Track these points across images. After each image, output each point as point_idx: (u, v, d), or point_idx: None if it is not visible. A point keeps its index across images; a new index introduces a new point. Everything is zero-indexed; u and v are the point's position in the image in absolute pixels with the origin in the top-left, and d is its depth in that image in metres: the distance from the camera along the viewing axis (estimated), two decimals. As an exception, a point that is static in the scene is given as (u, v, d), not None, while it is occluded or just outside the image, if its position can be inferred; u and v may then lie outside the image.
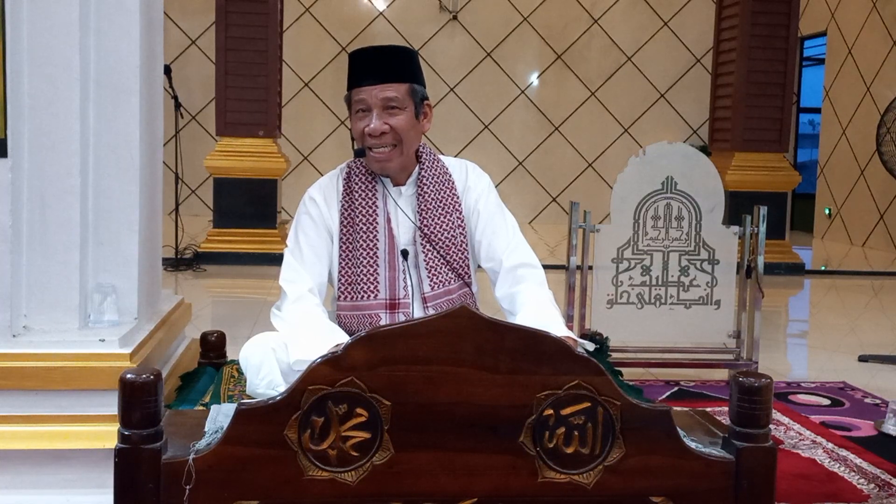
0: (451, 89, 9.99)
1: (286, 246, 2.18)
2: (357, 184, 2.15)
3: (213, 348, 2.67)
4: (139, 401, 1.31)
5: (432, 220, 2.14)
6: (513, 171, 10.17)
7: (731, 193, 6.40)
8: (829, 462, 2.64)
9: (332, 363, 1.32)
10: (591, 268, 3.52)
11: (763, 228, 3.44)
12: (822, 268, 7.68)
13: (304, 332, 1.98)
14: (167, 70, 5.46)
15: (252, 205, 6.80)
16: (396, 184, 2.16)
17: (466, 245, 2.18)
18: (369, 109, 2.04)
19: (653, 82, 10.26)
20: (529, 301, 2.08)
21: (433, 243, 2.13)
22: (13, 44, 2.08)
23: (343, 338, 1.95)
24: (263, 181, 6.83)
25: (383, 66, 2.05)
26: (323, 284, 2.15)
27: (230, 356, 2.71)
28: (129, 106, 2.26)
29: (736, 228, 3.52)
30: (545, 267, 2.24)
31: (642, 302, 3.51)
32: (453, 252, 2.14)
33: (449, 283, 2.14)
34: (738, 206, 5.87)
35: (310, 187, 2.22)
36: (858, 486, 2.44)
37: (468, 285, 2.18)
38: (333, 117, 9.95)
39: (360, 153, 2.10)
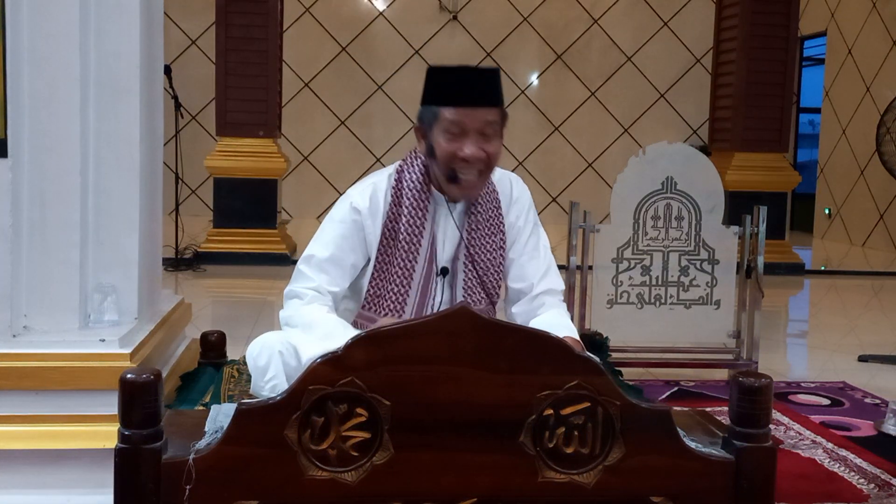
0: (451, 89, 9.97)
1: (311, 245, 2.04)
2: (408, 199, 2.03)
3: (213, 348, 2.66)
4: (139, 401, 1.31)
5: (479, 241, 2.06)
6: (513, 172, 10.15)
7: (731, 193, 6.38)
8: (829, 462, 2.64)
9: (332, 363, 1.32)
10: (591, 268, 3.52)
11: (763, 228, 3.44)
12: (822, 268, 7.68)
13: (317, 331, 1.90)
14: (167, 70, 5.46)
15: (252, 205, 6.80)
16: (452, 200, 2.06)
17: (503, 266, 2.11)
18: (464, 133, 1.91)
19: (653, 82, 10.26)
20: (544, 314, 2.05)
21: (475, 263, 2.06)
22: (13, 44, 2.08)
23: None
24: (263, 181, 6.83)
25: (483, 88, 1.92)
26: (339, 295, 2.05)
27: (230, 356, 2.71)
28: (129, 106, 2.26)
29: (736, 228, 3.52)
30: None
31: (642, 302, 3.51)
32: (491, 273, 2.08)
33: (480, 302, 2.08)
34: (738, 206, 5.85)
35: (354, 189, 2.07)
36: (858, 486, 2.44)
37: (495, 304, 2.13)
38: (333, 117, 9.95)
39: (452, 178, 1.95)
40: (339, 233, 2.03)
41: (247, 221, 6.78)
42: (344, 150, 9.75)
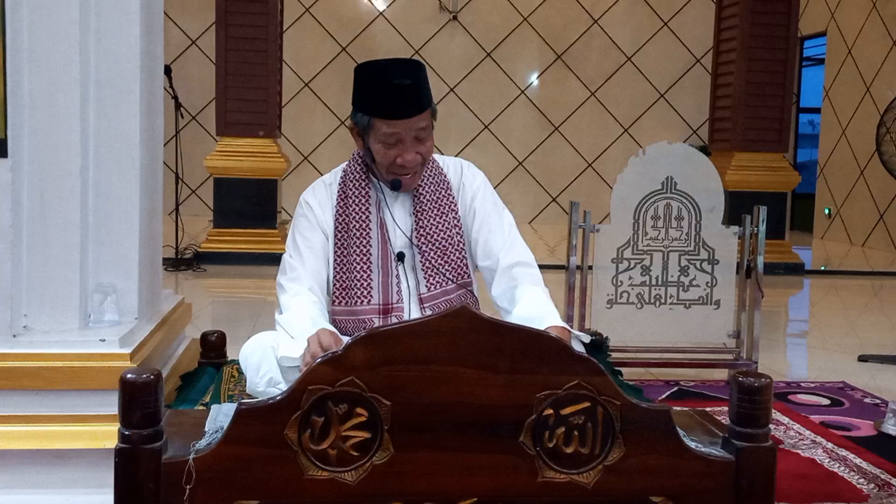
0: (451, 89, 9.99)
1: (289, 237, 2.18)
2: (352, 189, 2.14)
3: (213, 348, 2.67)
4: (139, 401, 1.31)
5: (428, 222, 2.13)
6: (513, 171, 10.17)
7: (730, 193, 6.39)
8: (829, 462, 2.64)
9: (332, 363, 1.32)
10: (591, 268, 3.52)
11: (763, 228, 3.44)
12: (822, 268, 7.68)
13: (290, 328, 1.99)
14: (167, 70, 5.46)
15: (252, 205, 6.80)
16: (392, 188, 2.14)
17: (464, 246, 2.16)
18: (401, 141, 2.02)
19: (653, 82, 10.26)
20: (525, 297, 2.08)
21: (430, 244, 2.12)
22: (13, 44, 2.08)
23: (324, 325, 1.97)
24: (263, 181, 6.83)
25: (413, 97, 2.00)
26: (323, 284, 2.15)
27: (230, 356, 2.72)
28: (129, 106, 2.26)
29: (736, 228, 3.52)
30: (545, 267, 2.24)
31: (642, 302, 3.51)
32: (450, 253, 2.13)
33: (446, 283, 2.12)
34: (738, 206, 5.86)
35: (305, 191, 2.22)
36: (858, 486, 2.44)
37: (467, 286, 2.16)
38: (333, 117, 9.95)
39: (396, 186, 2.08)
40: (304, 226, 2.16)
41: (247, 221, 6.78)
42: (344, 150, 9.74)
